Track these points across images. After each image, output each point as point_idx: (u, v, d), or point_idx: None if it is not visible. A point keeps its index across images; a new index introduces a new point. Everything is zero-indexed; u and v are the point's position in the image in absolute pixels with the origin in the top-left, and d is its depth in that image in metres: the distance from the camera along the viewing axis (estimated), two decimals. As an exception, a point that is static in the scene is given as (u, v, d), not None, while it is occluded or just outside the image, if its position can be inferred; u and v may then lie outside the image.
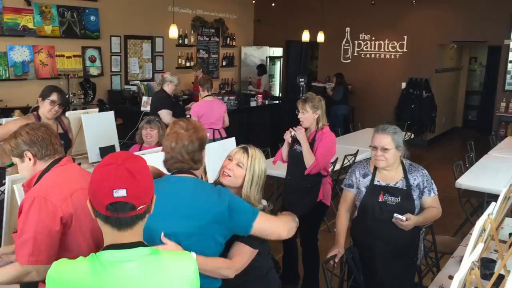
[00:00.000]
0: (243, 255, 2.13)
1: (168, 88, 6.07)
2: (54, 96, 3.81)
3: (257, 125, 8.97)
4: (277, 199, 5.74)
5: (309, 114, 3.76)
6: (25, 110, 6.55)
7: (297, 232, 3.95)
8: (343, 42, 11.09)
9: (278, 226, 2.17)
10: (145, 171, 1.45)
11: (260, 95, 9.44)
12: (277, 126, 9.03)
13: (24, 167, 2.10)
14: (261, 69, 10.75)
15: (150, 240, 1.62)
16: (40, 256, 1.93)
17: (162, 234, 1.95)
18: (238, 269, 2.11)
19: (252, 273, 2.21)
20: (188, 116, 6.41)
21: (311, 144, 3.78)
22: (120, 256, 1.39)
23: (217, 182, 2.35)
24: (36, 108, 3.89)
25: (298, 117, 3.82)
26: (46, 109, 3.81)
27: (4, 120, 5.02)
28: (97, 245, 2.10)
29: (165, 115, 5.80)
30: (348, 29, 10.98)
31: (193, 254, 1.94)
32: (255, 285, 2.31)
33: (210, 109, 6.01)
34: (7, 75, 7.12)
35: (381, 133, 2.86)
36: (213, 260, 2.04)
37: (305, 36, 9.88)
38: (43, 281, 1.98)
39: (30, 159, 2.07)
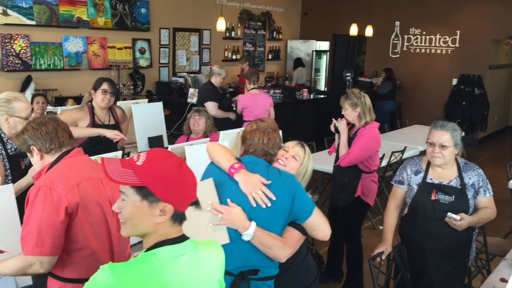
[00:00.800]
0: (294, 239, 2.19)
1: (216, 80, 6.13)
2: (105, 86, 3.95)
3: (302, 119, 8.93)
4: (321, 193, 5.72)
5: (349, 111, 3.73)
6: (78, 100, 6.80)
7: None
8: (392, 37, 10.85)
9: (328, 227, 2.22)
10: None
11: (305, 90, 9.39)
12: (322, 121, 8.95)
13: (34, 161, 2.15)
14: (296, 62, 10.72)
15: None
16: (44, 247, 1.90)
17: (229, 200, 2.10)
18: (289, 253, 2.16)
19: (293, 258, 2.26)
20: (234, 108, 6.46)
21: (351, 138, 3.74)
22: (176, 251, 1.38)
23: None
24: (91, 100, 4.03)
25: (342, 113, 3.81)
26: (99, 99, 3.94)
27: (59, 109, 5.23)
28: (108, 236, 2.12)
29: (211, 107, 5.87)
30: (397, 23, 10.72)
31: (254, 224, 2.06)
32: (298, 270, 2.36)
33: (255, 102, 6.04)
34: (62, 65, 7.39)
35: (440, 129, 2.78)
36: (271, 236, 2.10)
37: (353, 30, 9.73)
38: (52, 275, 2.04)
39: (37, 154, 2.11)
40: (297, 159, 2.37)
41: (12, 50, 6.79)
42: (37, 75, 7.01)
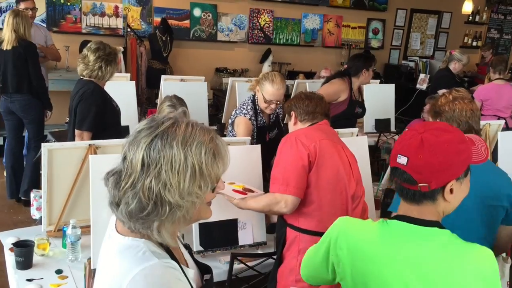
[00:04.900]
0: None
1: (455, 67, 5.67)
2: (374, 65, 4.06)
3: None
4: None
5: None
6: (308, 75, 7.04)
7: None
8: None
9: None
10: (443, 148, 1.28)
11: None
12: None
13: (290, 124, 2.45)
14: None
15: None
16: (288, 187, 2.12)
17: None
18: None
19: None
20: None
21: None
22: (408, 230, 1.32)
23: None
24: (348, 73, 4.05)
25: None
26: (369, 78, 4.08)
27: (295, 82, 5.48)
28: (343, 197, 2.20)
29: (446, 95, 5.43)
30: None
31: None
32: None
33: (498, 94, 5.37)
34: (298, 41, 7.74)
35: None
36: None
37: None
38: (289, 225, 2.20)
39: (293, 119, 2.41)
40: None
41: (258, 24, 7.37)
42: (275, 48, 7.49)
